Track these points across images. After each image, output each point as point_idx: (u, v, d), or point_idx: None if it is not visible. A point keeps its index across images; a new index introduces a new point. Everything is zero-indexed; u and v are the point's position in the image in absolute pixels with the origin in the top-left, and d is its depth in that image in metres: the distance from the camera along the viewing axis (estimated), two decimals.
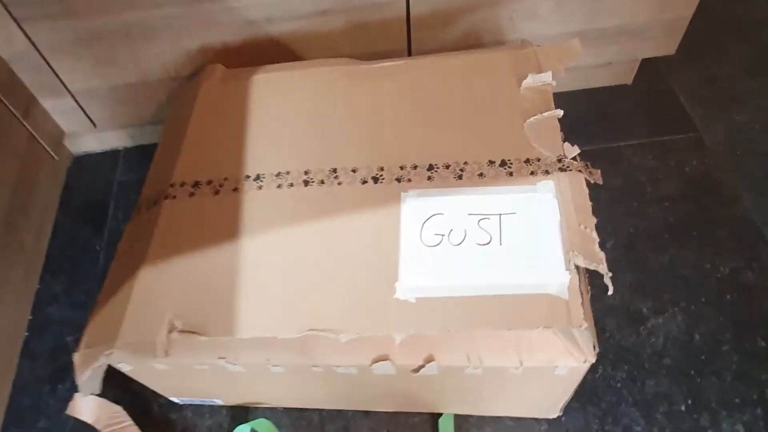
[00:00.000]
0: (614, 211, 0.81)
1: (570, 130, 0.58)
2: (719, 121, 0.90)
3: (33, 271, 0.84)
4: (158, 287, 0.53)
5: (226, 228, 0.55)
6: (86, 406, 0.65)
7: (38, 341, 0.79)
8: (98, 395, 0.67)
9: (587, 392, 0.68)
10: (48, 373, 0.77)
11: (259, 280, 0.51)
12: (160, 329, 0.50)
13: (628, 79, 0.95)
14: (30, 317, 0.81)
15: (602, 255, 0.47)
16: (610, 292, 0.46)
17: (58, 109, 0.84)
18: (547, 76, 0.59)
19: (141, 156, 0.98)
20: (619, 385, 0.68)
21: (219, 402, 0.69)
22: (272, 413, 0.69)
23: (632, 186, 0.84)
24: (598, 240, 0.48)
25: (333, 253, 0.52)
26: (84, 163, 0.99)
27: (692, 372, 0.68)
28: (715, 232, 0.78)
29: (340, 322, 0.47)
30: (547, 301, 0.45)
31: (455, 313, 0.47)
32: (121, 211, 0.91)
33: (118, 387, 0.65)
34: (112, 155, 0.99)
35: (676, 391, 0.66)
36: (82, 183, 0.96)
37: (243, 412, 0.70)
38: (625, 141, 0.89)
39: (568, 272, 0.46)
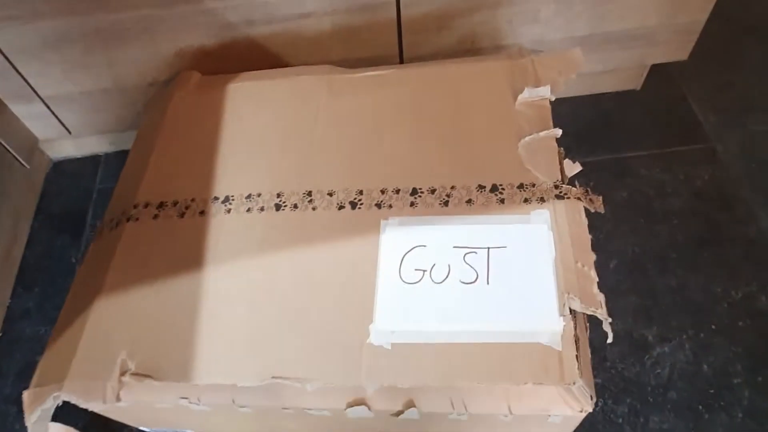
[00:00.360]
0: (618, 228, 0.77)
1: (573, 139, 0.53)
2: (733, 131, 0.85)
3: (4, 285, 0.80)
4: (113, 321, 0.48)
5: (189, 256, 0.50)
6: None
7: (7, 359, 0.76)
8: (65, 423, 0.64)
9: (586, 428, 0.63)
10: (16, 394, 0.73)
11: (222, 318, 0.47)
12: (111, 370, 0.45)
13: (637, 85, 0.90)
14: (0, 333, 0.77)
15: (602, 298, 0.42)
16: (609, 340, 0.42)
17: (29, 115, 0.80)
18: (545, 91, 0.53)
19: (123, 162, 0.93)
20: (620, 420, 0.63)
21: None
22: None
23: (638, 200, 0.79)
24: (597, 280, 0.43)
25: (303, 288, 0.47)
26: (63, 168, 0.95)
27: (700, 407, 0.63)
28: (727, 252, 0.73)
29: (306, 368, 0.43)
30: (538, 352, 0.40)
31: (434, 363, 0.42)
32: (100, 220, 0.87)
33: (87, 413, 0.61)
34: (92, 161, 0.95)
35: (681, 428, 0.62)
36: (60, 190, 0.92)
37: None
38: (632, 151, 0.84)
39: (562, 318, 0.41)
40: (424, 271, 0.46)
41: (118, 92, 0.77)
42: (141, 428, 0.66)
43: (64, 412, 0.51)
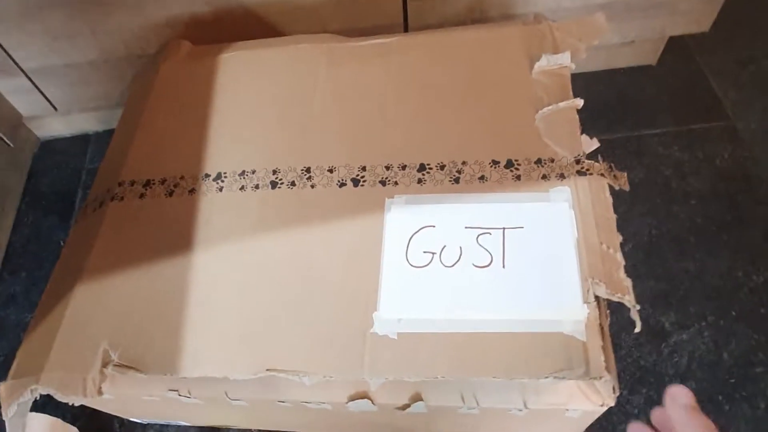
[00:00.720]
0: (634, 210, 0.73)
1: (587, 116, 0.50)
2: (755, 108, 0.81)
3: None
4: (95, 308, 0.45)
5: (177, 238, 0.47)
6: (37, 426, 0.59)
7: None
8: (54, 411, 0.61)
9: (599, 419, 0.60)
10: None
11: (212, 305, 0.43)
12: (92, 362, 0.42)
13: (653, 59, 0.85)
14: None
15: (629, 283, 0.38)
16: (637, 330, 0.38)
17: (12, 89, 0.76)
18: (564, 58, 0.49)
19: None
20: (636, 411, 0.61)
21: (185, 423, 0.62)
22: None
23: (655, 180, 0.75)
24: (623, 263, 0.39)
25: (300, 272, 0.44)
26: (52, 148, 0.91)
27: (720, 398, 0.60)
28: (748, 234, 0.70)
29: (304, 361, 0.39)
30: (560, 343, 0.37)
31: (444, 354, 0.38)
32: None
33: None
34: (82, 140, 0.91)
35: None
36: (48, 170, 0.89)
37: None
38: (648, 129, 0.80)
39: (586, 306, 0.37)
40: (433, 253, 0.42)
41: (105, 65, 0.73)
42: (131, 419, 0.62)
43: (53, 401, 0.48)
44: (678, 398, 0.29)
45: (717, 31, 0.77)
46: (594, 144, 0.48)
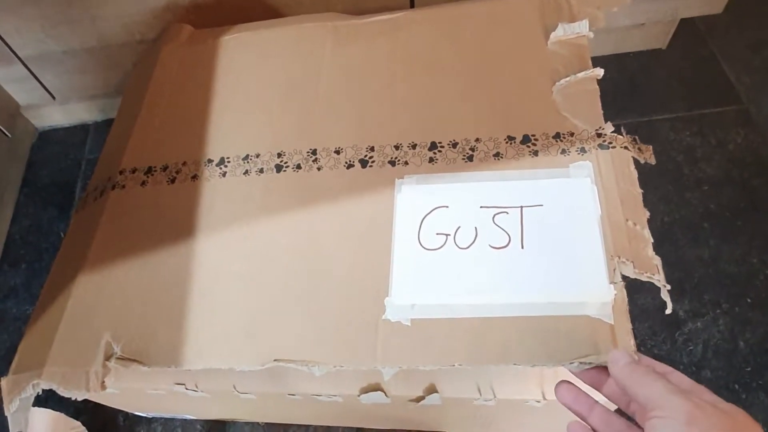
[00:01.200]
0: (646, 196, 0.70)
1: None
2: None
3: None
4: (96, 300, 0.43)
5: (180, 226, 0.45)
6: (40, 422, 0.58)
7: None
8: (55, 408, 0.59)
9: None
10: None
11: (217, 294, 0.42)
12: (95, 355, 0.40)
13: (663, 43, 0.84)
14: None
15: (658, 261, 0.37)
16: (668, 311, 0.36)
17: (8, 78, 0.75)
18: (582, 26, 0.46)
19: None
20: None
21: (190, 417, 0.61)
22: (253, 428, 0.62)
23: (667, 167, 0.74)
24: (651, 241, 0.38)
25: (308, 258, 0.42)
26: (50, 138, 0.90)
27: (736, 386, 0.60)
28: (763, 220, 0.69)
29: (313, 350, 0.37)
30: (586, 327, 0.35)
31: (461, 341, 0.36)
32: None
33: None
34: (81, 130, 0.90)
35: None
36: (47, 160, 0.87)
37: (221, 426, 0.62)
38: (659, 114, 0.79)
39: (612, 286, 0.35)
40: (447, 235, 0.40)
41: (104, 51, 0.71)
42: (137, 413, 0.61)
43: (56, 395, 0.46)
44: (618, 360, 0.30)
45: (728, 15, 0.76)
46: (608, 128, 0.46)
